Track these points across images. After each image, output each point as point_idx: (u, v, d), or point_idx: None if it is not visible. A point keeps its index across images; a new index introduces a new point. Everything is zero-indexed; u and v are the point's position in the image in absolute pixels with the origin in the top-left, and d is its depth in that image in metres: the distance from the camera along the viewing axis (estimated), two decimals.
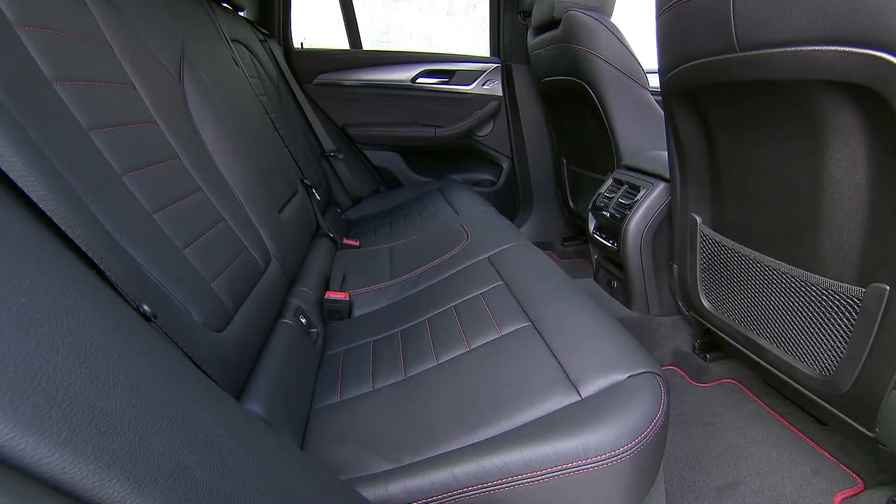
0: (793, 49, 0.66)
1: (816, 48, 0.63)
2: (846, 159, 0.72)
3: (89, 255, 0.39)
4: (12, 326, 0.26)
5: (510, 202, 2.33)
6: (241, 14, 1.77)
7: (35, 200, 0.36)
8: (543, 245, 2.28)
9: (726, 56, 0.79)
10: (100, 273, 0.41)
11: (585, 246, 1.85)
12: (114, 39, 0.74)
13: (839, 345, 0.81)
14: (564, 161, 2.06)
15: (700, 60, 0.86)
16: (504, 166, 2.29)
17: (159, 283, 0.57)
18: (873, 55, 0.57)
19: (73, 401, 0.25)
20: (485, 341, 0.82)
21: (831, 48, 0.61)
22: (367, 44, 2.25)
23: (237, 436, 0.37)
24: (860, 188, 0.72)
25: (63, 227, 0.38)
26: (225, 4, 1.58)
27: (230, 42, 1.42)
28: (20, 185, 0.36)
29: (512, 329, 0.82)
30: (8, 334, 0.25)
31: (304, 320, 1.00)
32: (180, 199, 0.73)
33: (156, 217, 0.66)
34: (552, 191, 2.23)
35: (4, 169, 0.35)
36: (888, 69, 0.56)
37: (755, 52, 0.73)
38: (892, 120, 0.60)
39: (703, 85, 0.90)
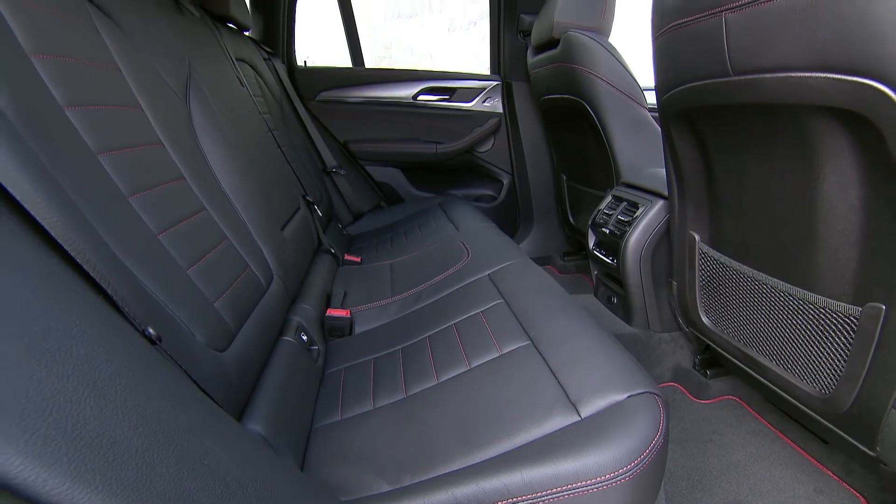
0: (784, 75, 0.68)
1: (807, 75, 0.65)
2: (839, 181, 0.73)
3: (97, 280, 0.40)
4: (26, 357, 0.26)
5: (511, 217, 2.35)
6: (247, 34, 1.81)
7: (46, 227, 0.38)
8: (544, 260, 2.29)
9: (721, 79, 0.81)
10: (107, 297, 0.42)
11: (586, 261, 1.86)
12: (123, 63, 0.76)
13: (838, 363, 0.82)
14: (564, 177, 2.08)
15: (696, 83, 0.88)
16: (504, 182, 2.31)
17: (163, 304, 0.58)
18: (862, 83, 0.58)
19: (83, 430, 0.26)
20: (485, 360, 0.82)
21: (821, 75, 0.63)
22: (370, 60, 2.28)
23: (240, 461, 0.37)
24: (853, 209, 0.73)
25: (73, 254, 0.39)
26: (231, 25, 1.61)
27: (235, 61, 1.45)
28: (32, 212, 0.37)
29: (512, 348, 0.83)
30: (21, 365, 0.26)
31: (305, 338, 1.00)
32: (185, 218, 0.74)
33: (161, 237, 0.67)
34: (552, 206, 2.25)
35: (18, 197, 0.36)
36: (877, 96, 0.58)
37: (748, 77, 0.75)
38: (882, 144, 0.61)
39: (700, 106, 0.92)
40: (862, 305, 0.75)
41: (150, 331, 0.44)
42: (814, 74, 0.64)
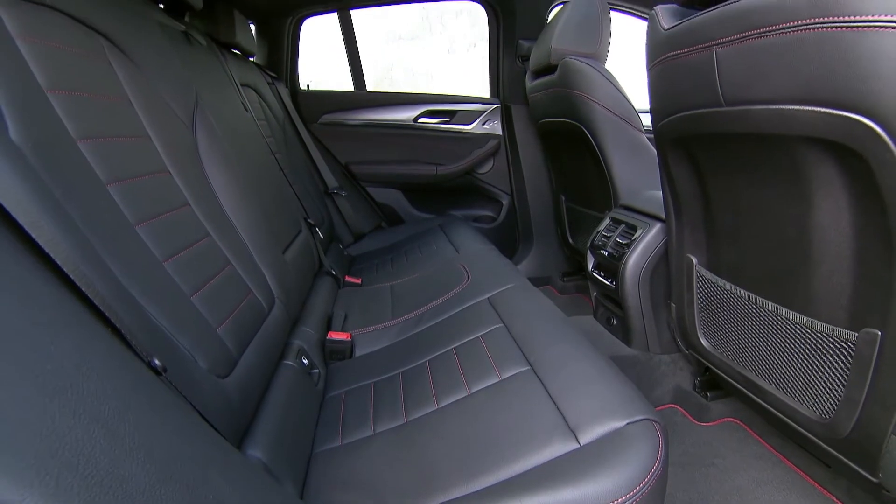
0: (774, 107, 0.70)
1: (796, 108, 0.67)
2: (831, 208, 0.74)
3: (106, 313, 0.41)
4: (39, 395, 0.27)
5: (510, 238, 2.36)
6: (252, 59, 1.85)
7: (59, 263, 0.39)
8: (543, 280, 2.30)
9: (713, 109, 0.83)
10: (114, 328, 0.43)
11: (585, 281, 1.87)
12: (134, 95, 0.78)
13: (837, 388, 0.82)
14: (563, 198, 2.10)
15: (689, 112, 0.90)
16: (504, 203, 2.33)
17: (168, 332, 0.59)
18: (850, 117, 0.60)
19: (93, 469, 0.26)
20: (485, 385, 0.83)
21: (810, 108, 0.65)
22: (371, 80, 2.32)
23: (242, 491, 0.38)
24: (846, 236, 0.74)
25: (83, 288, 0.40)
26: (236, 51, 1.65)
27: (240, 87, 1.48)
28: (47, 249, 0.38)
29: (512, 373, 0.83)
30: (35, 403, 0.27)
31: (305, 361, 1.01)
32: (189, 245, 0.76)
33: (166, 265, 0.68)
34: (551, 227, 2.27)
35: (34, 235, 0.38)
36: (864, 131, 0.59)
37: (740, 108, 0.77)
38: (871, 175, 0.63)
39: (694, 134, 0.94)
40: (858, 331, 0.76)
41: (156, 361, 0.45)
42: (802, 108, 0.66)
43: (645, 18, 2.12)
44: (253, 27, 2.03)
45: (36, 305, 0.33)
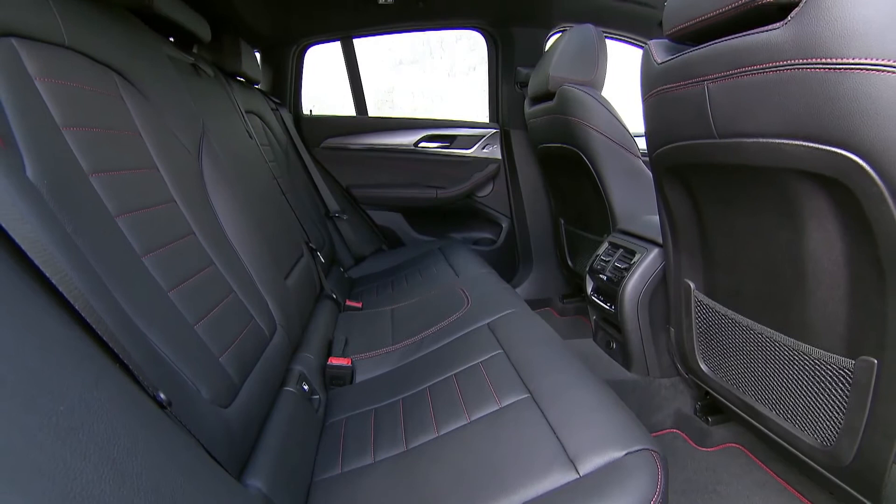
0: (764, 141, 0.72)
1: (785, 142, 0.69)
2: (823, 238, 0.76)
3: (115, 349, 0.42)
4: (53, 438, 0.28)
5: (510, 260, 2.38)
6: (256, 86, 1.89)
7: (70, 301, 0.40)
8: (543, 302, 2.30)
9: (707, 141, 0.85)
10: (121, 363, 0.44)
11: (585, 303, 1.88)
12: (143, 127, 0.81)
13: (837, 416, 0.82)
14: (562, 221, 2.12)
15: (684, 142, 0.92)
16: (503, 225, 2.35)
17: (172, 363, 0.60)
18: (835, 152, 0.62)
19: None
20: (484, 413, 0.83)
21: (797, 143, 0.67)
22: (373, 102, 2.37)
23: None
24: (838, 265, 0.75)
25: (93, 324, 0.41)
26: (241, 79, 1.69)
27: (245, 114, 1.52)
28: (60, 287, 0.39)
29: (511, 401, 0.83)
30: (49, 446, 0.28)
31: (306, 387, 1.01)
32: (194, 274, 0.77)
33: (171, 294, 0.69)
34: (551, 249, 2.28)
35: (48, 273, 0.39)
36: (850, 165, 0.61)
37: (732, 140, 0.79)
38: (859, 206, 0.65)
39: (689, 163, 0.96)
40: (855, 358, 0.76)
41: (161, 395, 0.46)
42: (791, 142, 0.68)
43: (639, 46, 2.18)
44: (258, 54, 2.09)
45: (49, 344, 0.35)
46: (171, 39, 1.24)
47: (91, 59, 0.72)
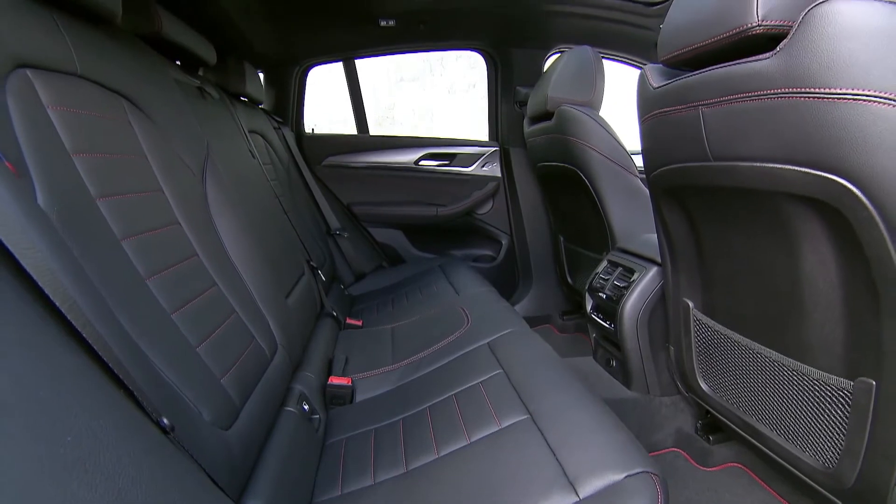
0: (758, 165, 0.74)
1: (778, 166, 0.70)
2: (817, 260, 0.77)
3: (120, 376, 0.43)
4: (60, 468, 0.29)
5: (510, 277, 2.39)
6: (260, 106, 1.93)
7: (79, 328, 0.41)
8: (543, 319, 2.31)
9: (702, 164, 0.87)
10: (126, 389, 0.45)
11: (585, 321, 1.89)
12: (149, 150, 0.82)
13: (838, 437, 0.82)
14: (562, 238, 2.13)
15: (680, 165, 0.94)
16: (503, 242, 2.37)
17: (174, 386, 0.60)
18: (827, 177, 0.64)
19: None
20: (484, 434, 0.83)
21: (790, 167, 0.68)
22: (374, 119, 2.40)
23: None
24: (833, 286, 0.76)
25: (100, 352, 0.42)
26: (244, 99, 1.72)
27: (248, 135, 1.54)
28: (69, 316, 0.40)
29: (511, 422, 0.84)
30: (56, 477, 0.28)
31: (306, 407, 1.01)
32: (197, 296, 0.78)
33: (174, 316, 0.70)
34: (550, 266, 2.29)
35: (57, 302, 0.40)
36: (842, 190, 0.63)
37: (726, 164, 0.81)
38: (851, 231, 0.66)
39: (685, 185, 0.97)
40: (853, 379, 0.76)
41: (165, 421, 0.47)
42: (784, 167, 0.70)
43: (636, 66, 2.22)
44: (261, 74, 2.12)
45: (59, 373, 0.35)
46: (178, 63, 1.27)
47: (101, 87, 0.74)
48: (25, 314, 0.37)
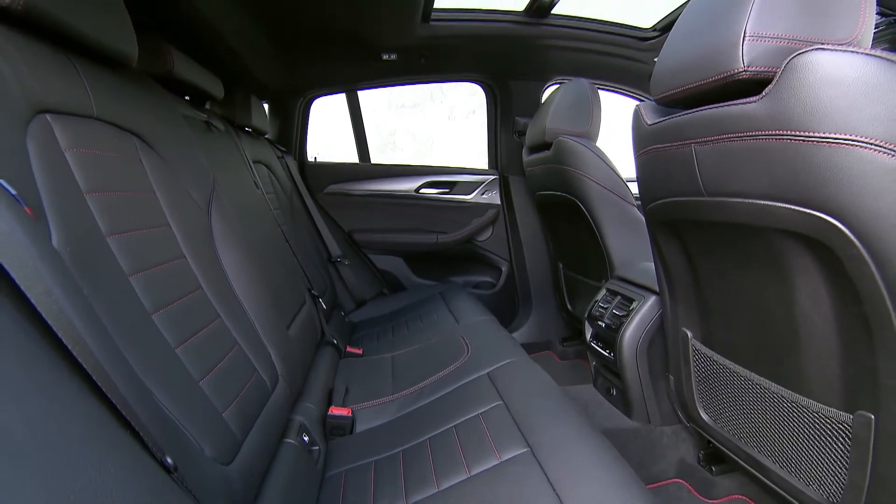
0: (749, 201, 0.76)
1: (769, 203, 0.72)
2: (811, 293, 0.78)
3: (126, 417, 0.44)
4: None
5: (510, 304, 2.39)
6: (264, 136, 1.97)
7: (88, 370, 0.42)
8: (543, 345, 2.30)
9: (696, 198, 0.89)
10: (132, 430, 0.45)
11: (585, 347, 1.89)
12: (158, 186, 0.85)
13: (840, 471, 0.81)
14: (561, 265, 2.15)
15: (674, 199, 0.96)
16: (503, 269, 2.38)
17: (177, 422, 0.61)
18: (816, 215, 0.66)
19: None
20: (484, 468, 0.83)
21: (780, 205, 0.70)
22: (375, 144, 2.44)
23: None
24: (828, 319, 0.77)
25: (108, 393, 0.43)
26: (249, 129, 1.77)
27: (252, 165, 1.57)
28: (80, 359, 0.41)
29: (511, 455, 0.84)
30: None
31: (306, 438, 1.01)
32: (200, 329, 0.79)
33: (178, 351, 0.71)
34: (550, 293, 2.30)
35: (68, 345, 0.41)
36: (830, 228, 0.65)
37: (719, 199, 0.83)
38: (842, 267, 0.67)
39: (680, 218, 0.99)
40: (853, 413, 0.76)
41: (168, 460, 0.47)
42: (775, 204, 0.72)
43: (631, 97, 2.28)
44: (266, 104, 2.18)
45: (69, 416, 0.37)
46: (187, 97, 1.31)
47: (115, 126, 0.76)
48: (41, 359, 0.38)
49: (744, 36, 0.69)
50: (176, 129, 1.00)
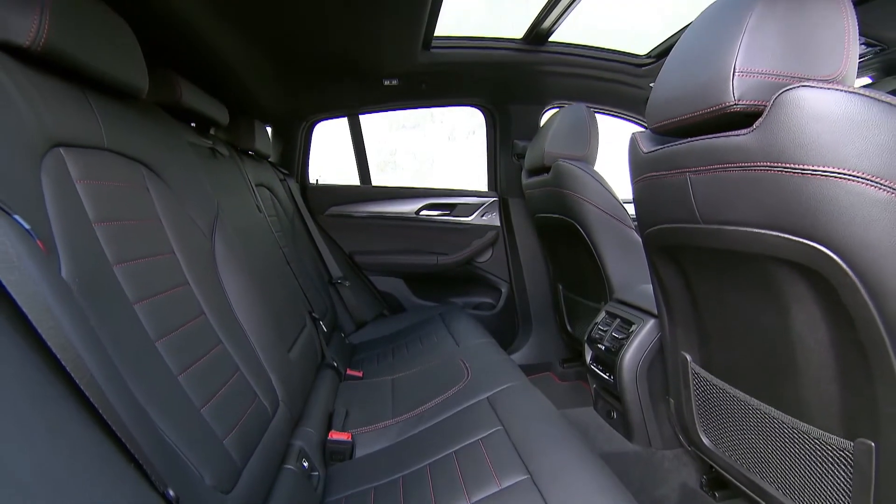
0: (744, 229, 0.77)
1: (762, 232, 0.74)
2: (807, 319, 0.79)
3: (130, 449, 0.45)
4: None
5: (510, 325, 2.40)
6: (267, 160, 2.00)
7: (95, 404, 0.43)
8: (543, 367, 2.30)
9: (692, 225, 0.90)
10: (135, 462, 0.46)
11: (585, 369, 1.89)
12: (164, 214, 0.86)
13: (843, 499, 0.81)
14: (560, 287, 2.16)
15: (671, 225, 0.98)
16: (503, 290, 2.39)
17: (178, 451, 0.61)
18: (808, 244, 0.67)
19: None
20: (485, 495, 0.83)
21: (774, 234, 0.72)
22: (376, 164, 2.46)
23: None
24: (825, 345, 0.78)
25: (113, 426, 0.44)
26: (252, 153, 1.80)
27: (255, 188, 1.60)
28: (87, 392, 0.42)
29: (511, 482, 0.83)
30: None
31: (306, 464, 1.01)
32: (203, 356, 0.80)
33: (180, 378, 0.72)
34: (550, 314, 2.31)
35: (76, 378, 0.42)
36: (822, 256, 0.66)
37: (714, 227, 0.84)
38: (837, 294, 0.68)
39: (677, 244, 1.01)
40: (853, 440, 0.76)
41: (171, 493, 0.48)
42: (768, 232, 0.73)
43: (629, 120, 2.32)
44: (269, 128, 2.22)
45: (76, 451, 0.37)
46: (193, 124, 1.34)
47: (124, 157, 0.79)
48: (49, 394, 0.39)
49: (734, 71, 0.72)
50: (182, 156, 1.02)
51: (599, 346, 1.53)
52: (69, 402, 0.41)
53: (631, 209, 1.54)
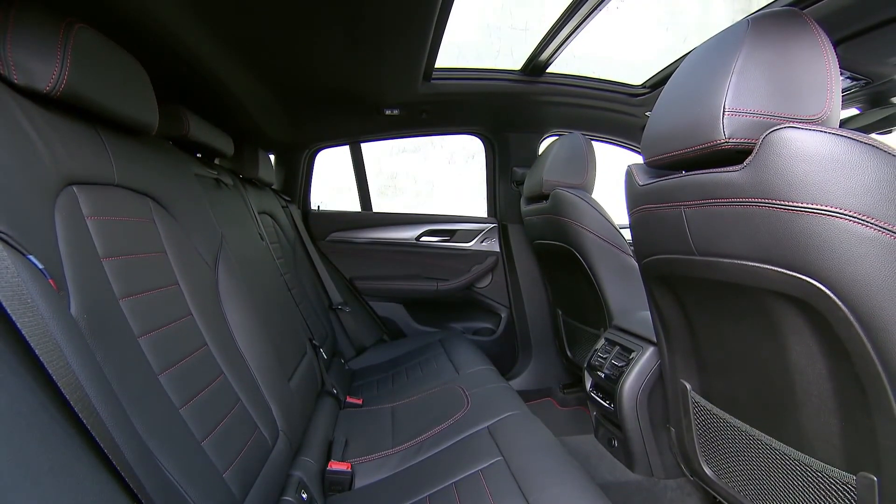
0: (739, 262, 0.79)
1: (756, 265, 0.75)
2: (804, 351, 0.79)
3: (133, 489, 0.45)
4: None
5: (509, 350, 2.39)
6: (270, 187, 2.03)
7: (100, 444, 0.44)
8: (543, 392, 2.28)
9: (688, 257, 0.92)
10: (137, 500, 0.46)
11: (586, 395, 1.87)
12: (169, 246, 0.88)
13: None
14: (560, 312, 2.16)
15: (667, 256, 0.99)
16: (503, 315, 2.40)
17: (179, 487, 0.61)
18: (801, 278, 0.68)
19: None
20: None
21: (768, 267, 0.73)
22: (377, 187, 2.49)
23: None
24: (823, 377, 0.78)
25: (117, 465, 0.44)
26: (255, 182, 1.83)
27: (258, 216, 1.62)
28: (93, 431, 0.43)
29: None
30: None
31: (305, 496, 1.00)
32: (204, 388, 0.80)
33: (182, 411, 0.72)
34: (550, 340, 2.30)
35: (83, 418, 0.43)
36: (815, 291, 0.67)
37: (710, 259, 0.86)
38: (831, 327, 0.70)
39: (674, 275, 1.02)
40: (855, 474, 0.76)
41: None
42: (762, 266, 0.75)
43: (626, 147, 2.36)
44: (272, 156, 2.26)
45: (80, 495, 0.38)
46: (198, 155, 1.37)
47: (133, 191, 0.81)
48: (57, 435, 0.40)
49: (724, 110, 0.74)
50: (188, 188, 1.05)
51: (599, 373, 1.53)
52: (75, 442, 0.42)
53: (628, 233, 1.56)
